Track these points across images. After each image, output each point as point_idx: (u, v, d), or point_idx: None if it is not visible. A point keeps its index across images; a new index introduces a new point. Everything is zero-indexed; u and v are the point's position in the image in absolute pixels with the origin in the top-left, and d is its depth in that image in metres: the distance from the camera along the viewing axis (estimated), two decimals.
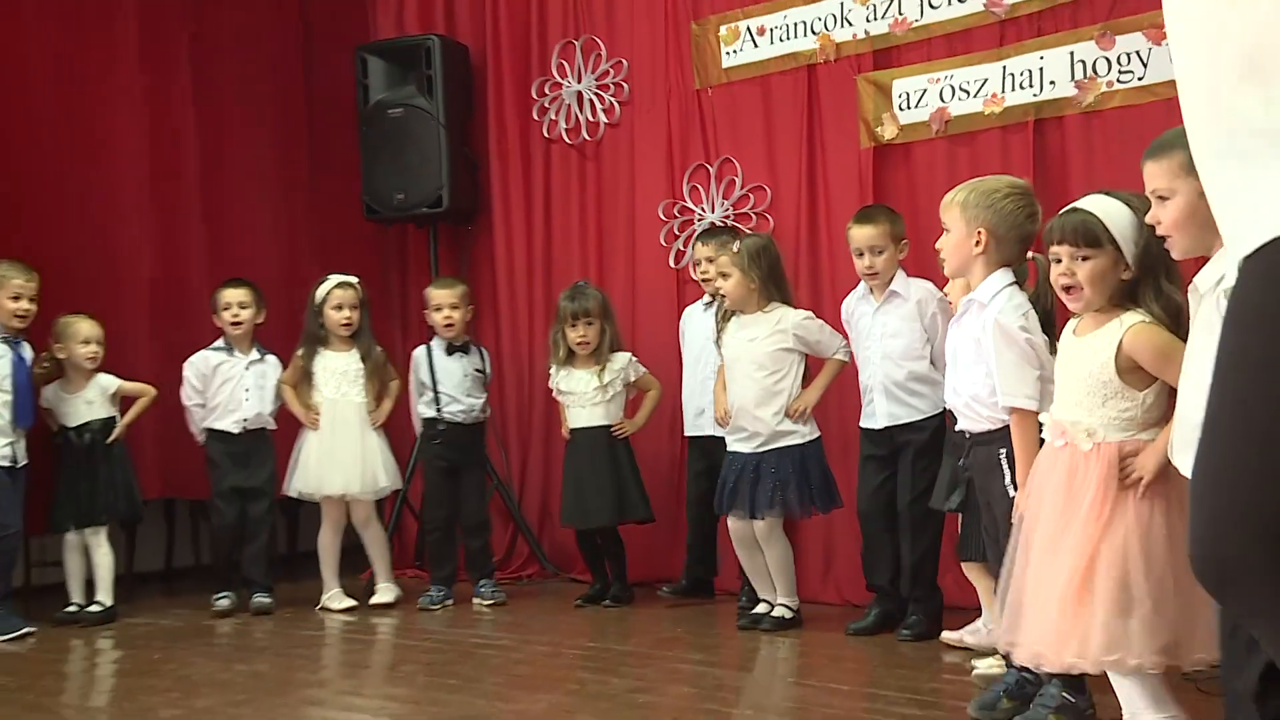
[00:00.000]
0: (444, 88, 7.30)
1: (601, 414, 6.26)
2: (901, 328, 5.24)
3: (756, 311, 5.53)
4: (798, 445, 5.47)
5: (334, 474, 6.38)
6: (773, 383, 5.48)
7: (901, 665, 4.69)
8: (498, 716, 4.12)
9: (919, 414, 5.18)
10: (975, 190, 3.94)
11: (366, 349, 6.51)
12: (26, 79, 6.92)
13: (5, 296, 6.03)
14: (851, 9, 6.08)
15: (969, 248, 3.89)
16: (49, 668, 5.37)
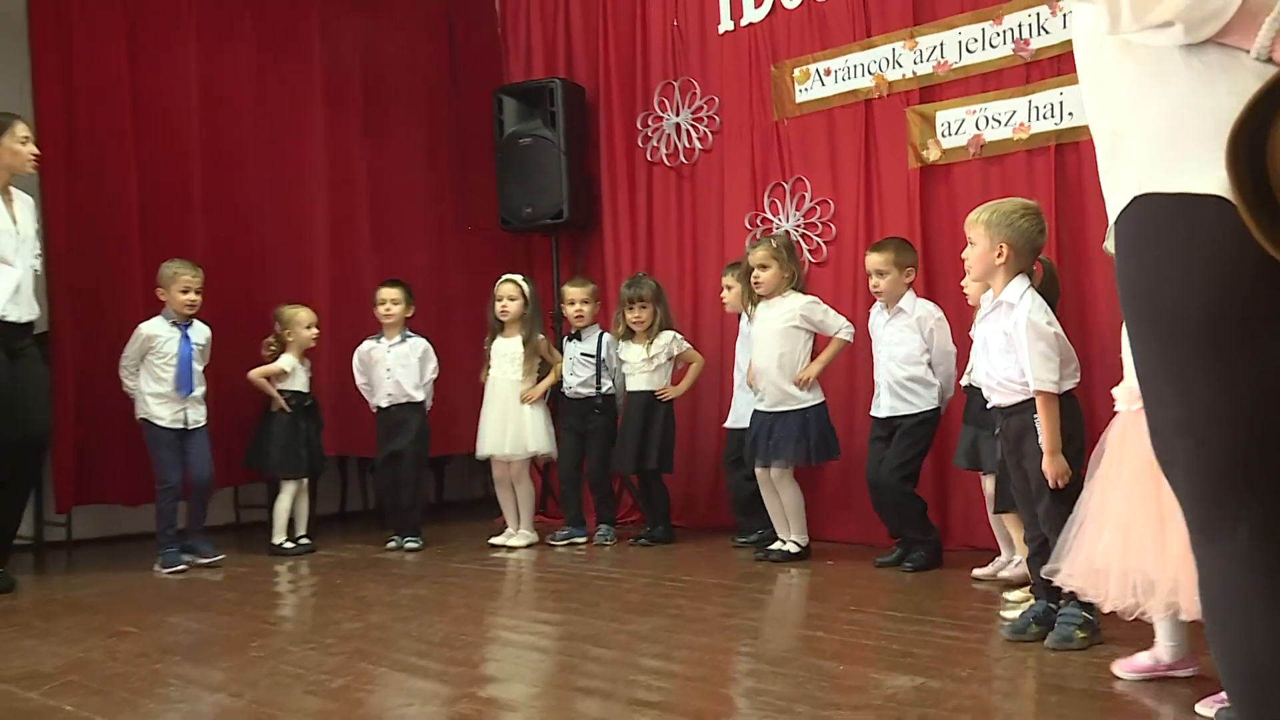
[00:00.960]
0: (564, 121, 7.36)
1: (646, 381, 6.37)
2: (905, 338, 5.33)
3: (775, 297, 5.65)
4: (801, 409, 5.58)
5: (496, 438, 6.49)
6: (782, 355, 5.59)
7: (944, 596, 4.71)
8: (614, 634, 4.15)
9: (913, 408, 5.30)
10: (996, 211, 3.97)
11: (528, 335, 6.57)
12: (238, 116, 7.12)
13: (177, 289, 6.09)
14: (902, 54, 6.06)
15: (992, 259, 3.92)
16: (260, 587, 5.54)
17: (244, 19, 7.22)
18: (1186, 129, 1.63)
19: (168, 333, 6.11)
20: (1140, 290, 1.72)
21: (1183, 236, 1.64)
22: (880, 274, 5.33)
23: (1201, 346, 1.65)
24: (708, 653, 3.87)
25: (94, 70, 6.62)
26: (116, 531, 6.53)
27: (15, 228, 5.54)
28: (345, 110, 7.61)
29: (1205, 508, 1.72)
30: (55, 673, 3.79)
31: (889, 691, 3.24)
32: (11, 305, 5.46)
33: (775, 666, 3.68)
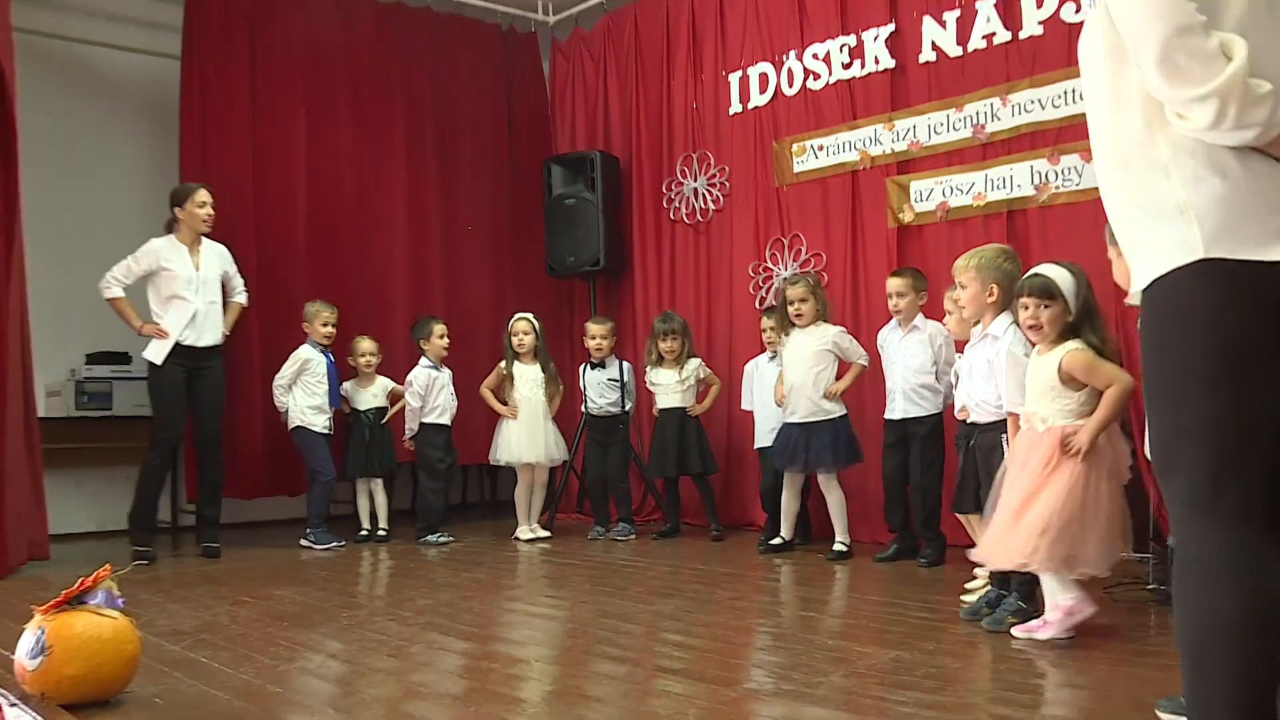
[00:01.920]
0: (602, 185, 7.42)
1: (679, 399, 6.43)
2: (918, 351, 5.30)
3: (810, 325, 5.68)
4: (830, 420, 5.59)
5: (528, 449, 6.51)
6: (817, 373, 5.60)
7: (918, 584, 4.74)
8: (640, 613, 4.20)
9: (923, 411, 5.25)
10: (984, 256, 4.02)
11: (544, 363, 6.63)
12: (338, 176, 7.29)
13: (318, 324, 6.39)
14: (882, 134, 6.11)
15: (984, 299, 3.98)
16: (349, 569, 5.61)
17: (343, 100, 7.36)
18: (1258, 211, 1.78)
19: (318, 356, 6.41)
20: (1196, 322, 1.82)
21: (1252, 288, 1.78)
22: (900, 295, 5.32)
23: (1238, 364, 1.80)
24: (720, 629, 3.91)
25: (226, 142, 6.82)
26: (236, 519, 6.63)
27: (197, 273, 5.99)
28: (422, 174, 7.69)
29: (1198, 490, 1.84)
30: (192, 631, 3.91)
31: (870, 662, 3.30)
32: (189, 332, 5.92)
33: (777, 641, 3.74)
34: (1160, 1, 1.77)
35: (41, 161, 6.31)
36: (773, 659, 3.45)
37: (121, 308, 5.94)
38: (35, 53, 6.51)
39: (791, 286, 5.76)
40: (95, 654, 2.85)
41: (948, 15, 5.84)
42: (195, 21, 6.78)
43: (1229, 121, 1.74)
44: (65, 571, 5.20)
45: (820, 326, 5.69)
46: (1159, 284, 1.88)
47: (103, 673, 2.87)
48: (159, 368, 5.90)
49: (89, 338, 6.73)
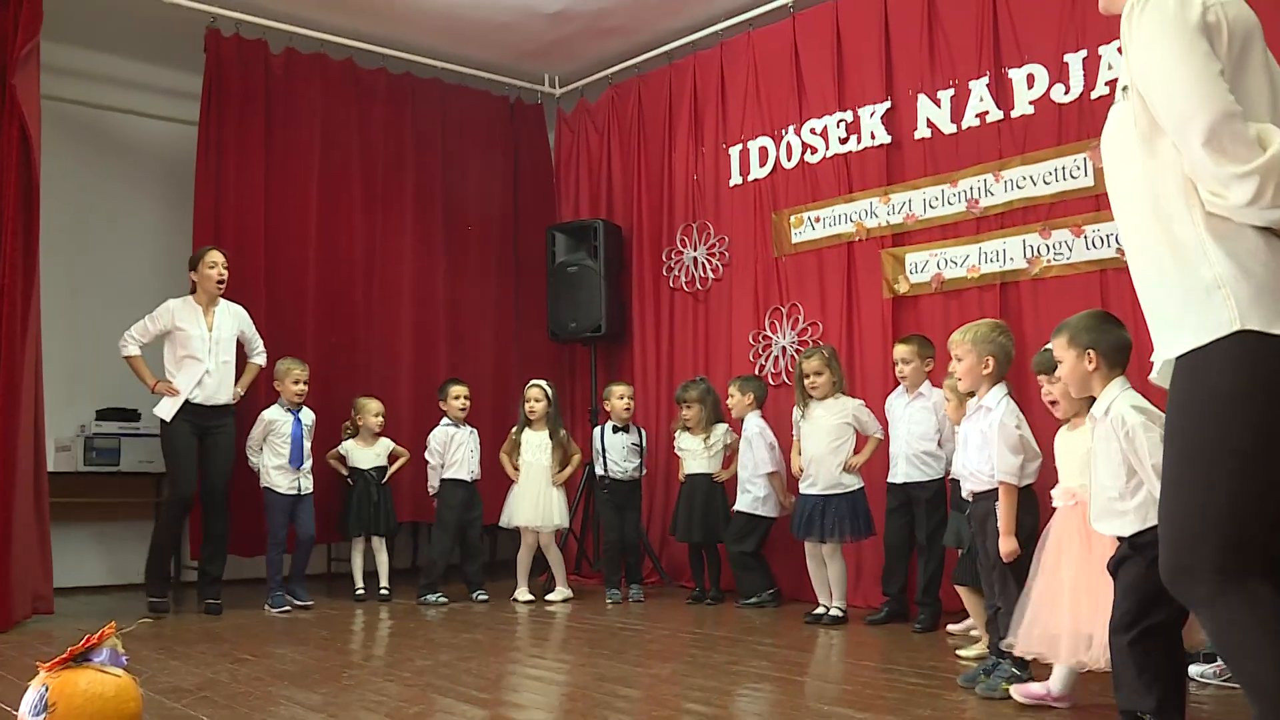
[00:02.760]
0: (604, 253, 7.44)
1: (706, 465, 6.36)
2: (923, 417, 5.31)
3: (828, 398, 5.65)
4: (849, 493, 5.53)
5: (529, 513, 6.45)
6: (836, 446, 5.55)
7: (913, 649, 4.70)
8: (638, 677, 4.16)
9: (926, 477, 5.25)
10: (979, 330, 3.99)
11: (553, 429, 6.57)
12: (349, 240, 7.33)
13: (289, 381, 6.30)
14: (878, 207, 6.14)
15: (979, 371, 3.94)
16: (349, 627, 5.56)
17: (354, 167, 7.41)
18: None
19: (283, 417, 6.27)
20: (1237, 397, 1.88)
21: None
22: (905, 362, 5.34)
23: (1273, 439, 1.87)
24: (715, 694, 3.86)
25: (239, 208, 6.87)
26: (236, 575, 6.57)
27: (210, 333, 6.03)
28: (430, 239, 7.71)
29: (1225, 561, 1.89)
30: (193, 689, 3.86)
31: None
32: (197, 391, 5.95)
33: (774, 707, 3.69)
34: (1206, 91, 1.90)
35: (60, 221, 6.36)
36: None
37: (137, 366, 5.99)
38: (59, 117, 6.58)
39: (807, 359, 5.75)
40: (97, 712, 2.80)
41: (942, 94, 5.90)
42: (214, 89, 6.85)
43: (1266, 200, 1.84)
44: (68, 626, 5.19)
45: (839, 399, 5.65)
46: (1194, 356, 1.94)
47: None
48: (168, 424, 5.93)
49: (100, 394, 6.73)
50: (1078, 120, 5.32)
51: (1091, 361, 3.02)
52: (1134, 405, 2.91)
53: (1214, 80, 1.90)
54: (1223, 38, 1.95)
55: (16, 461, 5.36)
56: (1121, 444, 2.87)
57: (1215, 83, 1.90)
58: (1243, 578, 1.89)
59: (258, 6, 6.88)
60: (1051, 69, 5.45)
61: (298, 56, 7.21)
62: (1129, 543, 2.85)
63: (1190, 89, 1.91)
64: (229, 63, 6.91)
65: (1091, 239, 5.20)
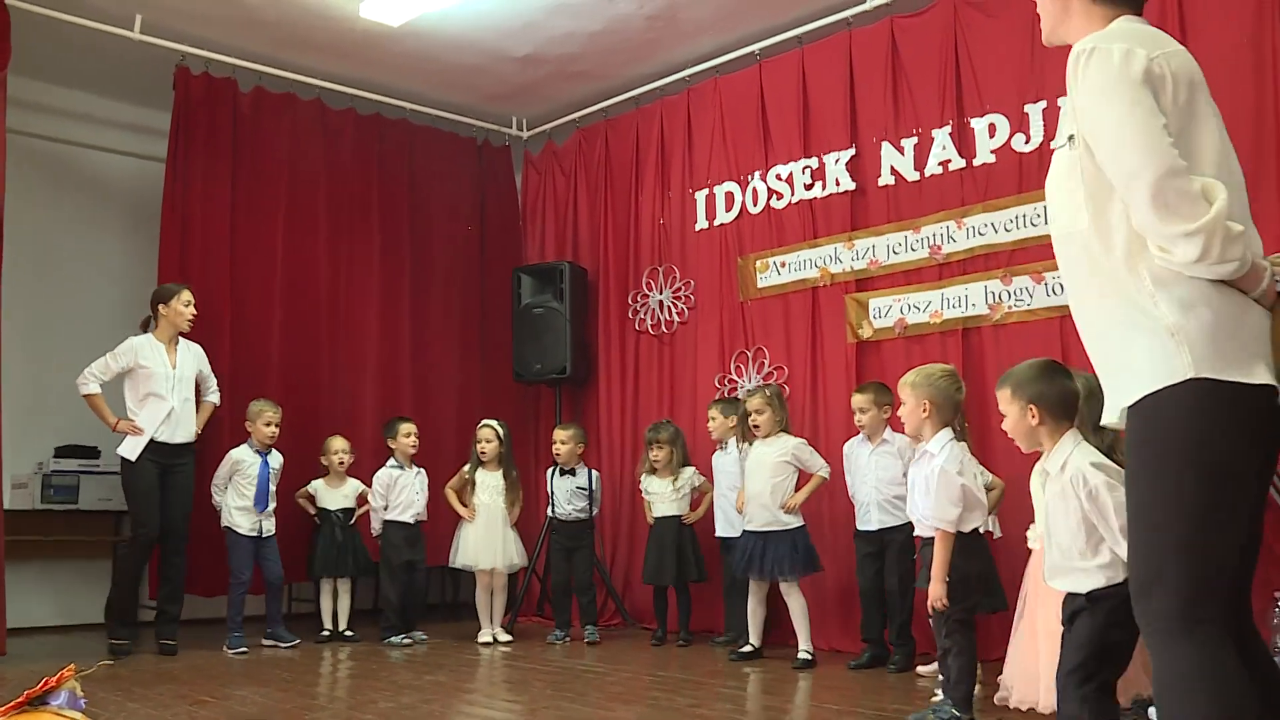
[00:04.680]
0: (570, 295, 7.46)
1: (674, 507, 6.31)
2: (888, 463, 5.31)
3: (771, 436, 5.64)
4: (789, 530, 5.51)
5: (485, 554, 6.38)
6: (775, 484, 5.53)
7: (881, 691, 4.66)
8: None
9: (898, 521, 5.19)
10: (920, 374, 4.03)
11: (507, 470, 6.53)
12: (314, 279, 7.29)
13: (261, 423, 6.27)
14: (842, 252, 6.19)
15: (919, 415, 3.97)
16: (310, 669, 5.49)
17: (321, 205, 7.39)
18: (1237, 336, 1.89)
19: (251, 458, 6.23)
20: (1190, 443, 1.89)
21: (1239, 410, 1.88)
22: (863, 410, 5.34)
23: (1227, 485, 1.87)
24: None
25: (205, 245, 6.83)
26: (191, 615, 6.45)
27: (174, 371, 5.98)
28: (396, 279, 7.68)
29: (1183, 608, 1.88)
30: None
31: None
32: (164, 428, 5.89)
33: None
34: (1151, 147, 1.90)
35: (22, 255, 6.27)
36: None
37: (97, 404, 5.89)
38: (25, 151, 6.52)
39: (750, 398, 5.77)
40: None
41: (905, 142, 5.98)
42: (182, 126, 6.82)
43: (1213, 256, 1.85)
44: (21, 667, 5.08)
45: (780, 438, 5.65)
46: (1148, 403, 1.94)
47: None
48: (133, 464, 5.84)
49: (59, 431, 6.64)
50: (1038, 169, 5.39)
51: (1035, 416, 2.91)
52: (1093, 463, 2.80)
53: (1158, 135, 1.90)
54: (1167, 89, 1.95)
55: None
56: (1083, 503, 2.77)
57: (1159, 138, 1.90)
58: (1193, 626, 1.87)
59: (228, 45, 6.87)
60: (1012, 119, 5.54)
61: (266, 95, 7.20)
62: (1085, 597, 2.74)
63: (1135, 144, 1.91)
64: (198, 100, 6.89)
65: (1052, 285, 5.27)
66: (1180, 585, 1.88)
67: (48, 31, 6.18)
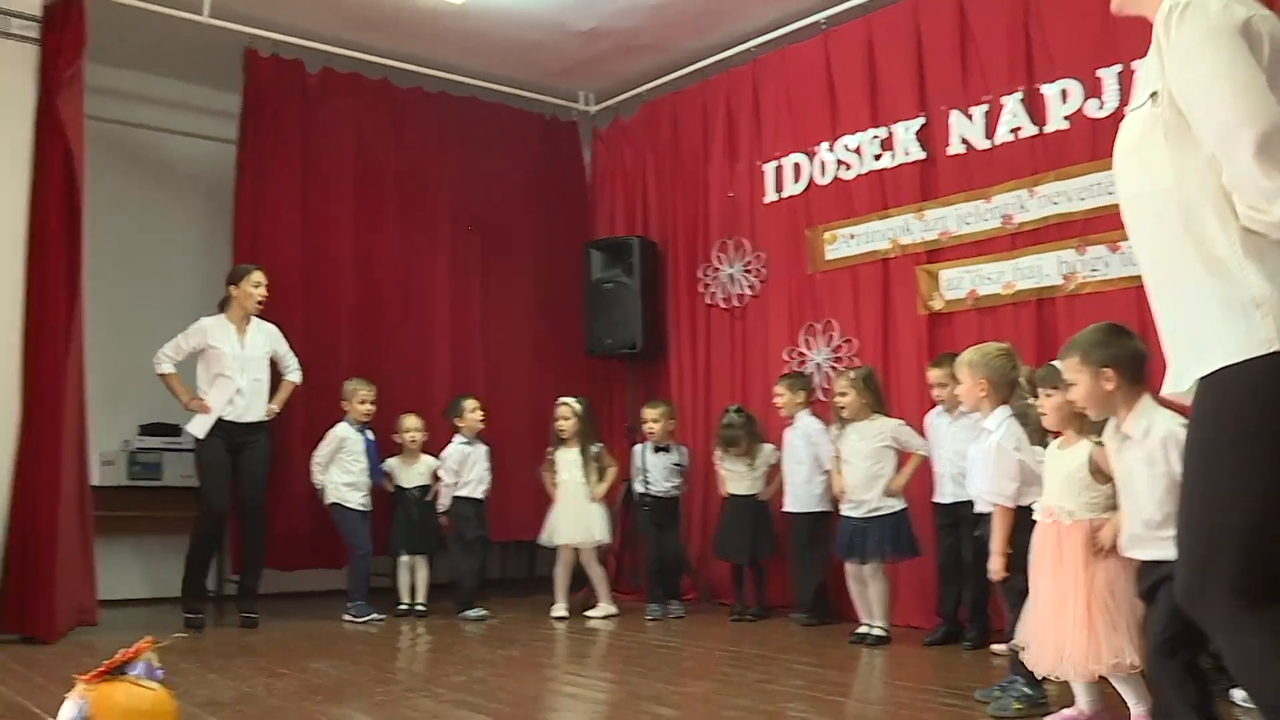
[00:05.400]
0: (640, 270, 7.48)
1: (749, 486, 6.35)
2: (964, 435, 5.16)
3: (865, 420, 5.62)
4: (891, 514, 5.49)
5: (565, 530, 6.49)
6: (875, 470, 5.52)
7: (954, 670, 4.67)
8: (670, 695, 4.15)
9: (968, 495, 5.21)
10: (978, 353, 4.03)
11: (585, 445, 6.58)
12: (384, 258, 7.40)
13: (356, 401, 6.42)
14: (913, 223, 6.13)
15: (977, 394, 3.98)
16: (386, 643, 5.60)
17: (390, 185, 7.49)
18: None
19: (354, 435, 6.43)
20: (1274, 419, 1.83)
21: None
22: (941, 385, 5.30)
23: None
24: (747, 713, 3.84)
25: (277, 225, 6.98)
26: (274, 590, 6.62)
27: (242, 351, 6.10)
28: (465, 257, 7.77)
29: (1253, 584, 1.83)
30: (229, 703, 3.90)
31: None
32: (229, 409, 6.01)
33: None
34: (1257, 99, 1.82)
35: (104, 239, 6.44)
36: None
37: (171, 383, 6.05)
38: (101, 137, 6.68)
39: (837, 381, 5.79)
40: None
41: (975, 110, 5.89)
42: (251, 108, 6.97)
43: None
44: (111, 638, 5.24)
45: (876, 421, 5.60)
46: (1224, 375, 1.88)
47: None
48: (202, 441, 6.01)
49: (143, 409, 6.83)
50: (1112, 135, 5.16)
51: (1110, 380, 2.88)
52: (1182, 424, 2.67)
53: (1262, 90, 1.82)
54: (1263, 50, 1.86)
55: (61, 476, 5.46)
56: (1173, 467, 2.73)
57: (1264, 93, 1.82)
58: (1259, 602, 1.83)
59: (295, 27, 6.97)
60: (1086, 83, 5.42)
61: (334, 75, 7.31)
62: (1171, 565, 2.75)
63: (1238, 98, 1.83)
64: (267, 82, 7.02)
65: (1129, 254, 5.16)
66: (1243, 560, 1.84)
67: (121, 17, 6.31)
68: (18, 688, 4.17)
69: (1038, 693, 3.67)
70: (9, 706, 3.81)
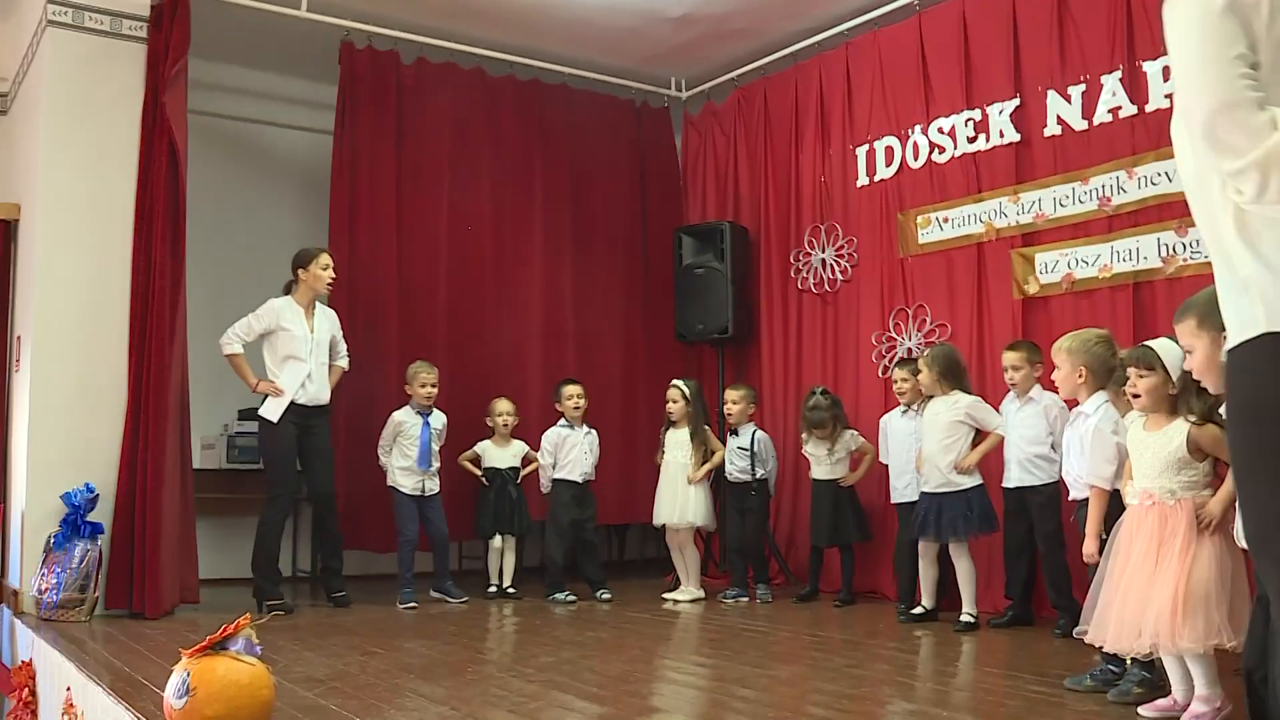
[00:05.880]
0: (731, 255, 7.51)
1: (829, 471, 6.36)
2: (1034, 422, 5.27)
3: (942, 395, 5.61)
4: (963, 490, 5.48)
5: (665, 510, 6.58)
6: (948, 444, 5.51)
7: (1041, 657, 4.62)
8: (757, 678, 4.18)
9: (1038, 481, 5.20)
10: (1076, 339, 4.04)
11: (694, 428, 6.63)
12: (478, 244, 7.54)
13: (418, 384, 6.45)
14: (1007, 206, 6.08)
15: (1074, 380, 4.00)
16: (476, 624, 5.71)
17: (484, 172, 7.61)
18: None
19: (412, 419, 6.45)
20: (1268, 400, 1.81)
21: None
22: (1015, 368, 5.31)
23: None
24: (833, 697, 3.87)
25: (373, 215, 7.14)
26: (369, 571, 6.79)
27: (311, 335, 6.12)
28: (558, 243, 7.87)
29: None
30: (324, 679, 4.03)
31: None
32: (300, 392, 6.06)
33: (893, 710, 3.70)
34: (1210, 77, 1.79)
35: (203, 229, 6.66)
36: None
37: (239, 364, 6.06)
38: (203, 130, 6.90)
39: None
40: (234, 698, 2.99)
41: (1073, 90, 5.79)
42: (348, 100, 7.13)
43: (1272, 192, 1.73)
44: (213, 615, 5.46)
45: (953, 396, 5.59)
46: (1231, 357, 1.89)
47: (240, 715, 3.00)
48: (274, 425, 6.04)
49: (242, 394, 7.01)
50: None
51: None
52: None
53: (1223, 65, 1.78)
54: (1261, 14, 1.81)
55: (165, 459, 5.68)
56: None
57: (1222, 70, 1.78)
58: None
59: (390, 19, 7.12)
60: None
61: (428, 66, 7.44)
62: None
63: (1194, 80, 1.81)
64: (362, 74, 7.18)
65: None
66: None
67: (220, 13, 6.51)
68: (127, 660, 4.36)
69: (1155, 677, 3.64)
70: (119, 676, 3.99)
